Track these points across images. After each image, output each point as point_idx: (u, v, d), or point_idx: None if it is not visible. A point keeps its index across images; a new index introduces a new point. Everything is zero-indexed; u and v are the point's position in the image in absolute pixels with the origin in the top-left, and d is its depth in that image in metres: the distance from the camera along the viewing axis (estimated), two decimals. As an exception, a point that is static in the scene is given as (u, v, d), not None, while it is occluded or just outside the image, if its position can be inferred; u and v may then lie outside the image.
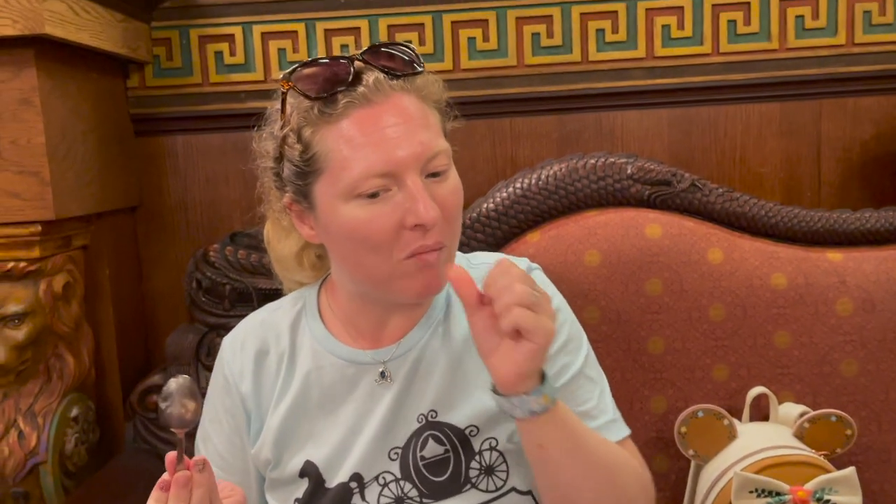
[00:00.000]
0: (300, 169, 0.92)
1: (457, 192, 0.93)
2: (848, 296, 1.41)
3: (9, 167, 1.27)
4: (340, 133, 0.88)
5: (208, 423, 1.06)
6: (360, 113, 0.88)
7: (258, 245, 1.52)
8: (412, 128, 0.88)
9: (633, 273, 1.42)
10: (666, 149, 1.63)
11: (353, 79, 0.88)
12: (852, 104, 1.62)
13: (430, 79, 0.95)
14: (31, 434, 1.34)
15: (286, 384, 1.02)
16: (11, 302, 1.31)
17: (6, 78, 1.26)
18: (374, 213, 0.88)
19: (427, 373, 0.99)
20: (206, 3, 1.60)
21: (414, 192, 0.87)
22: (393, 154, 0.87)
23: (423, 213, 0.86)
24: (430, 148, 0.89)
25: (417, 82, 0.92)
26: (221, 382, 1.06)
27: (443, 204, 0.89)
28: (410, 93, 0.91)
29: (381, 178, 0.87)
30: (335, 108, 0.88)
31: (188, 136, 1.65)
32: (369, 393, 0.99)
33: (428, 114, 0.92)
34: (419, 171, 0.88)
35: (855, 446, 1.34)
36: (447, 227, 0.91)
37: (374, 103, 0.88)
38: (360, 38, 1.59)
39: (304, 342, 1.03)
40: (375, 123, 0.88)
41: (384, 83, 0.89)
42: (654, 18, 1.59)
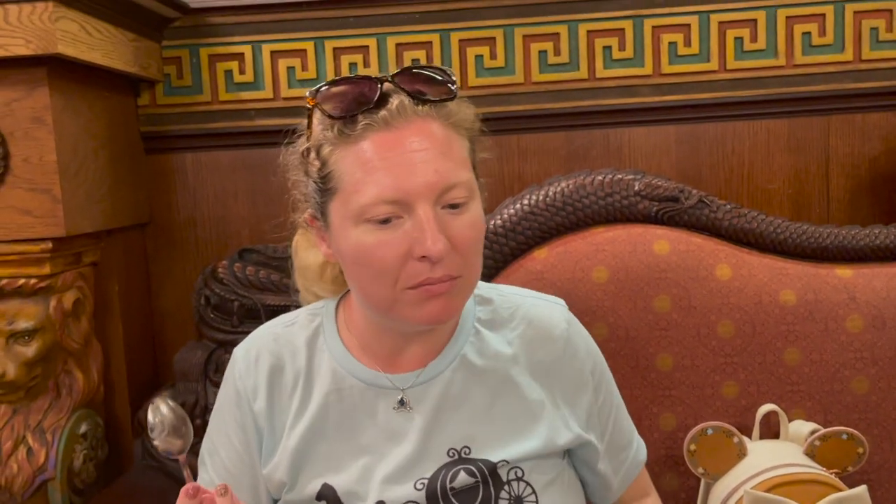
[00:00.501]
0: (318, 186, 0.91)
1: (474, 226, 0.89)
2: (858, 312, 1.40)
3: (21, 184, 1.29)
4: (356, 155, 0.87)
5: (216, 434, 1.04)
6: (378, 136, 0.86)
7: (267, 262, 1.53)
8: (430, 156, 0.86)
9: (641, 289, 1.41)
10: (673, 165, 1.63)
11: (378, 101, 0.87)
12: (860, 120, 1.62)
13: (463, 105, 0.92)
14: (39, 450, 1.35)
15: (303, 404, 0.99)
16: (22, 318, 1.32)
17: (19, 96, 1.28)
18: (381, 239, 0.86)
19: (456, 406, 0.97)
20: (215, 22, 1.62)
21: (423, 222, 0.85)
22: (405, 181, 0.85)
23: (430, 246, 0.84)
24: (446, 179, 0.86)
25: (447, 108, 0.89)
26: (233, 395, 1.03)
27: (457, 238, 0.87)
28: (437, 119, 0.88)
29: (391, 205, 0.85)
30: (354, 128, 0.87)
31: (198, 153, 1.66)
32: (389, 419, 0.97)
33: (454, 142, 0.89)
34: (432, 200, 0.85)
35: (867, 464, 1.32)
36: (460, 260, 0.88)
37: (394, 127, 0.86)
38: (369, 57, 1.61)
39: (323, 361, 1.00)
40: (392, 148, 0.86)
41: (408, 107, 0.87)
42: (660, 36, 1.60)
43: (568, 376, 1.02)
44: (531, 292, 1.08)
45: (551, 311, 1.04)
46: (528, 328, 1.02)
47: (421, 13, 1.60)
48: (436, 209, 0.86)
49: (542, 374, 1.00)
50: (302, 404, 0.99)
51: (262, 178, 1.66)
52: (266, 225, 1.67)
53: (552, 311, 1.04)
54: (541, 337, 1.01)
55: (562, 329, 1.02)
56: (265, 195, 1.66)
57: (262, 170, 1.66)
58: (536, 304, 1.05)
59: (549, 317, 1.03)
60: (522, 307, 1.03)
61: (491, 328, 1.01)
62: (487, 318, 1.02)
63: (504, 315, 1.02)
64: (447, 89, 0.90)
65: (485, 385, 0.98)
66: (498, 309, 1.02)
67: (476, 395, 0.98)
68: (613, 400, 1.08)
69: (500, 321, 1.02)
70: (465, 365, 0.98)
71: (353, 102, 0.87)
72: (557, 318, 1.03)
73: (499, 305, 1.03)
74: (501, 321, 1.02)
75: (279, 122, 1.63)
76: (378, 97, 0.87)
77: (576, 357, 1.02)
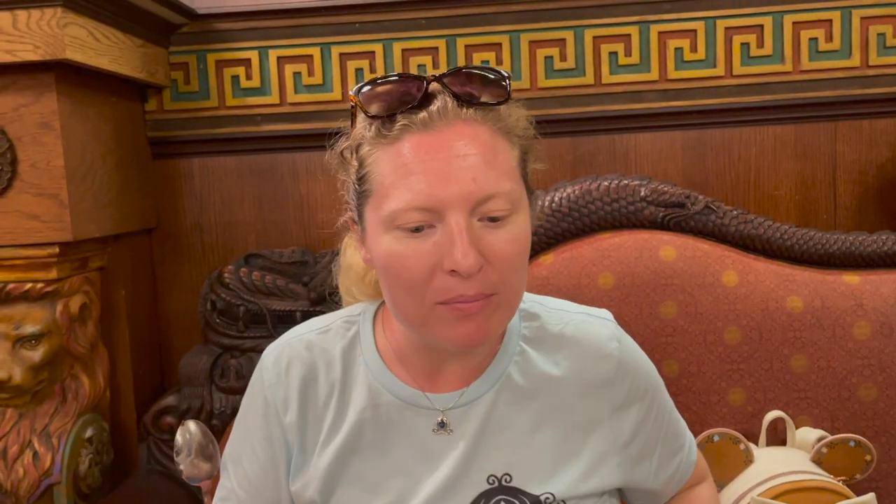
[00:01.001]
0: (355, 187, 0.86)
1: (515, 241, 0.82)
2: (865, 319, 1.40)
3: (28, 189, 1.29)
4: (392, 157, 0.81)
5: (240, 442, 0.98)
6: (416, 139, 0.80)
7: (273, 267, 1.53)
8: (469, 162, 0.79)
9: (648, 295, 1.41)
10: (680, 171, 1.62)
11: (421, 101, 0.81)
12: (868, 126, 1.61)
13: (516, 110, 0.86)
14: (45, 455, 1.35)
15: (338, 420, 0.93)
16: (28, 322, 1.32)
17: (27, 102, 1.28)
18: (411, 248, 0.80)
19: (498, 431, 0.91)
20: (223, 28, 1.63)
21: (454, 233, 0.78)
22: (438, 188, 0.78)
23: (459, 259, 0.78)
24: (485, 188, 0.79)
25: (497, 112, 0.83)
26: (260, 405, 0.96)
27: (493, 253, 0.80)
28: (483, 124, 0.82)
29: (423, 213, 0.79)
30: (392, 129, 0.81)
31: (204, 158, 1.67)
32: (427, 441, 0.91)
33: (500, 150, 0.83)
34: (467, 211, 0.79)
35: (875, 472, 1.32)
36: (496, 277, 0.81)
37: (434, 130, 0.80)
38: (375, 63, 1.61)
39: (359, 374, 0.94)
40: (428, 152, 0.80)
41: (451, 109, 0.81)
42: (666, 41, 1.60)
43: (619, 398, 0.95)
44: (577, 306, 1.00)
45: (600, 328, 0.97)
46: (576, 347, 0.95)
47: (427, 19, 1.60)
48: (471, 220, 0.80)
49: (591, 397, 0.94)
50: (336, 420, 0.93)
51: (268, 184, 1.66)
52: (272, 230, 1.67)
53: (601, 329, 0.97)
54: (591, 357, 0.94)
55: (613, 348, 0.95)
56: (272, 200, 1.66)
57: (269, 175, 1.66)
58: (585, 321, 0.97)
59: (599, 334, 0.96)
60: (570, 324, 0.96)
61: (537, 347, 0.94)
62: (533, 336, 0.95)
63: (551, 332, 0.95)
64: (499, 92, 0.83)
65: (529, 409, 0.92)
66: (544, 326, 0.96)
67: (520, 420, 0.92)
68: (665, 415, 0.99)
69: (547, 339, 0.95)
70: (509, 386, 0.92)
71: (395, 101, 0.82)
72: (607, 335, 0.96)
73: (545, 322, 0.96)
74: (548, 339, 0.95)
75: (285, 128, 1.65)
76: (422, 97, 0.81)
77: (626, 376, 0.95)
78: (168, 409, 1.52)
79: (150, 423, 1.52)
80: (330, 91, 1.63)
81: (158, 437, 1.52)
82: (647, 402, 0.97)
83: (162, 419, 1.52)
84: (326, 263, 1.51)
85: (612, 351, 0.95)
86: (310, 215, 1.66)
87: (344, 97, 1.62)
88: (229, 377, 1.51)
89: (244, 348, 1.52)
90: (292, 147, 1.65)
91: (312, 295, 1.50)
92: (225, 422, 1.51)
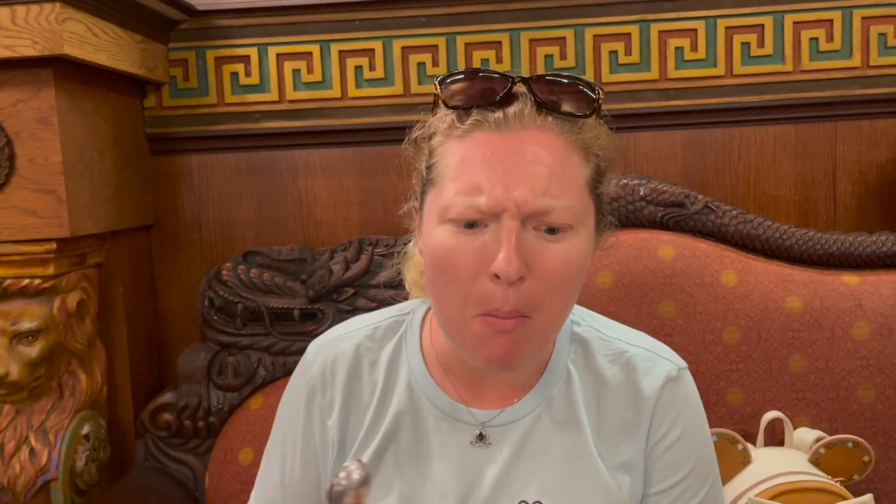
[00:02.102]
0: (422, 175, 0.86)
1: (566, 261, 0.79)
2: (864, 320, 1.39)
3: (26, 185, 1.29)
4: (460, 150, 0.80)
5: (281, 439, 0.96)
6: (486, 136, 0.79)
7: (271, 264, 1.53)
8: (533, 171, 0.77)
9: (646, 295, 1.41)
10: (679, 170, 1.62)
11: (501, 100, 0.80)
12: (868, 127, 1.61)
13: (599, 128, 0.84)
14: (42, 451, 1.34)
15: (376, 421, 0.91)
16: (25, 318, 1.32)
17: (25, 97, 1.28)
18: (461, 243, 0.78)
19: (536, 455, 0.88)
20: (222, 24, 1.62)
21: (502, 237, 0.77)
22: (497, 189, 0.77)
23: (502, 264, 0.75)
24: (542, 199, 0.77)
25: (577, 125, 0.81)
26: (304, 403, 0.94)
27: (540, 267, 0.78)
28: (559, 134, 0.80)
29: (478, 211, 0.78)
30: (465, 123, 0.80)
31: (203, 155, 1.67)
32: (464, 454, 0.89)
33: (571, 163, 0.80)
34: (521, 218, 0.77)
35: (873, 473, 1.31)
36: (539, 294, 0.78)
37: (505, 131, 0.79)
38: (374, 60, 1.61)
39: (401, 376, 0.92)
40: (495, 152, 0.78)
41: (528, 114, 0.79)
42: (667, 40, 1.60)
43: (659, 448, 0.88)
44: (638, 337, 0.94)
45: (653, 365, 0.90)
46: (622, 383, 0.89)
47: (427, 17, 1.60)
48: (525, 228, 0.78)
49: (630, 439, 0.89)
50: (375, 421, 0.91)
51: (267, 181, 1.66)
52: (271, 227, 1.67)
53: (654, 367, 0.90)
54: (631, 394, 0.89)
55: (654, 388, 0.88)
56: (270, 198, 1.66)
57: (268, 172, 1.66)
58: (642, 356, 0.91)
59: (647, 372, 0.89)
60: (624, 357, 0.90)
61: (584, 375, 0.90)
62: (581, 362, 0.91)
63: (601, 362, 0.90)
64: (584, 105, 0.81)
65: (567, 438, 0.88)
66: (595, 354, 0.91)
67: (557, 447, 0.88)
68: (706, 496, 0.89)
69: (595, 368, 0.90)
70: (550, 411, 0.89)
71: (475, 96, 0.80)
72: (655, 375, 0.89)
73: (597, 349, 0.91)
74: (596, 369, 0.90)
75: (285, 125, 1.65)
76: (502, 96, 0.80)
77: (660, 428, 0.88)
78: (165, 406, 1.52)
79: (147, 420, 1.52)
80: (329, 88, 1.63)
81: (156, 433, 1.52)
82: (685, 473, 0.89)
83: (159, 416, 1.52)
84: (325, 261, 1.51)
85: (653, 392, 0.88)
86: (308, 213, 1.66)
87: (343, 94, 1.62)
88: (227, 374, 1.51)
89: (242, 346, 1.51)
90: (291, 144, 1.65)
91: (311, 293, 1.50)
92: (222, 419, 1.51)
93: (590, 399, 0.89)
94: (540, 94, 0.80)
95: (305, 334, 1.50)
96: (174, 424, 1.51)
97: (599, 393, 0.89)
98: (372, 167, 1.64)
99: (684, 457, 0.89)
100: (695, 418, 0.92)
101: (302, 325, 1.50)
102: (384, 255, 1.50)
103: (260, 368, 1.51)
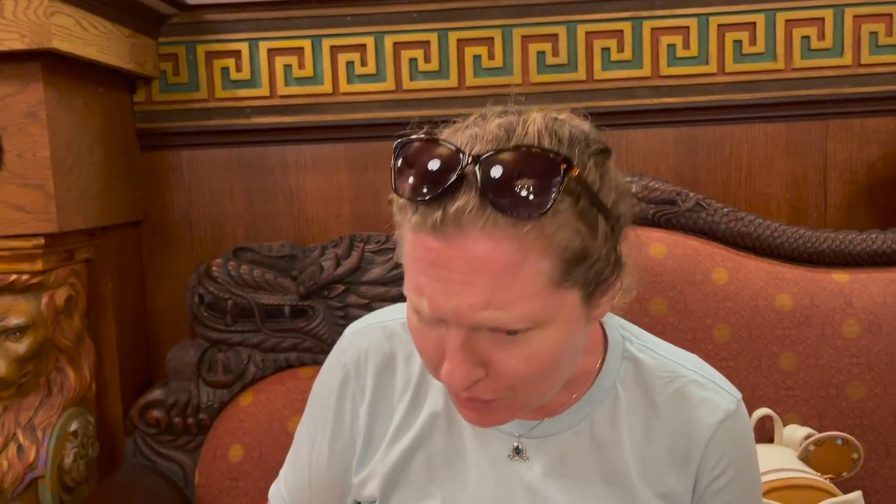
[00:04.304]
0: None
1: (532, 358, 0.71)
2: (854, 318, 1.40)
3: (13, 180, 1.28)
4: (409, 242, 0.72)
5: (312, 425, 0.94)
6: (426, 241, 0.69)
7: (261, 261, 1.52)
8: (472, 283, 0.68)
9: (637, 292, 1.41)
10: (671, 168, 1.62)
11: (443, 192, 0.67)
12: (859, 125, 1.61)
13: (563, 215, 0.68)
14: (30, 448, 1.34)
15: (409, 419, 0.88)
16: (13, 315, 1.31)
17: (13, 91, 1.27)
18: (423, 329, 0.74)
19: (570, 475, 0.84)
20: (213, 19, 1.61)
21: (447, 346, 0.71)
22: (436, 298, 0.70)
23: (444, 375, 0.71)
24: (478, 315, 0.68)
25: (537, 223, 0.66)
26: (337, 389, 0.91)
27: (499, 368, 0.71)
28: (510, 233, 0.66)
29: (424, 315, 0.73)
30: (413, 213, 0.70)
31: (193, 150, 1.66)
32: (498, 467, 0.85)
33: (524, 267, 0.67)
34: (465, 327, 0.70)
35: (862, 470, 1.32)
36: (503, 385, 0.73)
37: (444, 237, 0.68)
38: (366, 55, 1.60)
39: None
40: (435, 261, 0.69)
41: (470, 213, 0.66)
42: (659, 38, 1.59)
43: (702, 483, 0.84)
44: (699, 363, 0.88)
45: (711, 395, 0.84)
46: (675, 409, 0.84)
47: (419, 12, 1.59)
48: (474, 334, 0.70)
49: (674, 470, 0.84)
50: (407, 419, 0.88)
51: (257, 177, 1.65)
52: (262, 223, 1.66)
53: (712, 397, 0.84)
54: (684, 423, 0.84)
55: (711, 422, 0.83)
56: (261, 193, 1.65)
57: (258, 168, 1.65)
58: (699, 382, 0.85)
59: (704, 402, 0.84)
60: (679, 381, 0.85)
61: (631, 396, 0.85)
62: (632, 383, 0.85)
63: (653, 384, 0.85)
64: (543, 194, 0.66)
65: (606, 460, 0.84)
66: (646, 376, 0.85)
67: (592, 469, 0.84)
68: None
69: (646, 390, 0.85)
70: (591, 430, 0.84)
71: (417, 185, 0.69)
72: (714, 407, 0.83)
73: (648, 371, 0.85)
74: (647, 391, 0.85)
75: (275, 121, 1.64)
76: (444, 189, 0.67)
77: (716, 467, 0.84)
78: (155, 402, 1.51)
79: (136, 417, 1.51)
80: (321, 84, 1.62)
81: (145, 430, 1.51)
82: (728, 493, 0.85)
83: (149, 413, 1.51)
84: (315, 257, 1.50)
85: (708, 427, 0.83)
86: (299, 209, 1.65)
87: (334, 90, 1.62)
88: (217, 371, 1.50)
89: (232, 342, 1.51)
90: (282, 140, 1.64)
91: (301, 289, 1.49)
92: (212, 416, 1.50)
93: (636, 422, 0.84)
94: (488, 187, 0.66)
95: (296, 331, 1.49)
96: (164, 421, 1.51)
97: (648, 416, 0.84)
98: (363, 163, 1.63)
99: (736, 497, 0.85)
100: (750, 457, 0.88)
101: (292, 322, 1.50)
102: (375, 251, 1.50)
103: (250, 365, 1.50)
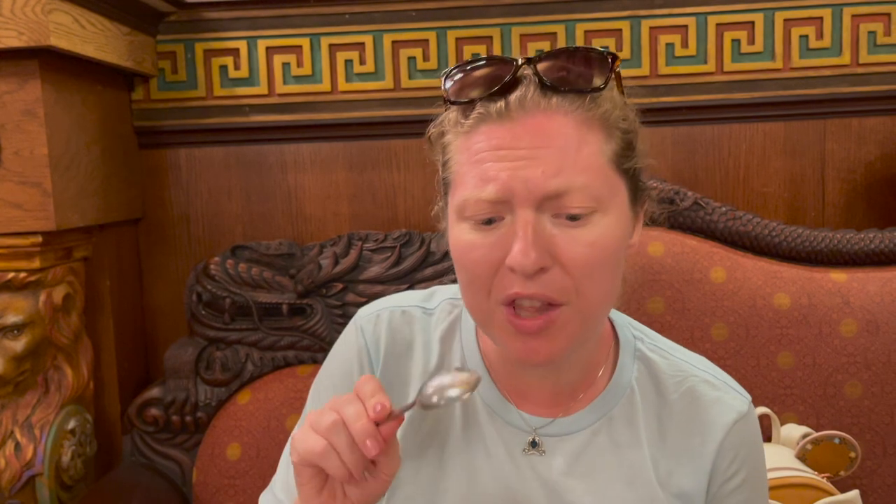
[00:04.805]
0: (440, 175, 0.83)
1: (595, 245, 0.74)
2: (852, 317, 1.40)
3: (11, 177, 1.27)
4: (467, 146, 0.77)
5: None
6: (490, 129, 0.75)
7: (259, 259, 1.52)
8: (542, 154, 0.73)
9: (635, 291, 1.41)
10: (669, 167, 1.62)
11: (503, 88, 0.75)
12: (857, 124, 1.61)
13: (618, 98, 0.79)
14: (27, 446, 1.33)
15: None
16: (11, 312, 1.31)
17: (11, 89, 1.27)
18: (479, 241, 0.76)
19: (587, 474, 0.84)
20: (211, 17, 1.61)
21: (517, 229, 0.73)
22: (506, 181, 0.73)
23: (518, 257, 0.72)
24: (552, 183, 0.72)
25: (592, 100, 0.76)
26: (351, 366, 0.90)
27: (565, 255, 0.73)
28: (569, 113, 0.74)
29: (491, 205, 0.74)
30: (468, 118, 0.77)
31: (191, 148, 1.65)
32: (514, 459, 0.84)
33: (588, 142, 0.75)
34: (535, 205, 0.73)
35: (859, 469, 1.32)
36: (568, 283, 0.74)
37: (509, 120, 0.74)
38: (365, 54, 1.60)
39: (454, 363, 0.88)
40: (501, 143, 0.74)
41: (530, 99, 0.74)
42: (657, 37, 1.59)
43: (716, 481, 0.85)
44: (706, 363, 0.90)
45: (722, 395, 0.86)
46: (688, 407, 0.85)
47: (418, 11, 1.59)
48: (542, 216, 0.74)
49: (688, 468, 0.85)
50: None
51: (256, 175, 1.65)
52: (260, 221, 1.66)
53: (723, 397, 0.86)
54: (697, 421, 0.85)
55: (724, 423, 0.84)
56: (259, 192, 1.65)
57: (257, 166, 1.65)
58: (710, 382, 0.87)
59: (716, 401, 0.85)
60: (690, 380, 0.86)
61: (648, 394, 0.86)
62: (646, 381, 0.86)
63: (666, 382, 0.86)
64: (595, 78, 0.76)
65: (625, 459, 0.84)
66: (659, 375, 0.87)
67: (614, 467, 0.84)
68: None
69: (659, 388, 0.86)
70: (610, 429, 0.85)
71: (478, 86, 0.76)
72: (726, 407, 0.85)
73: (661, 370, 0.87)
74: (660, 389, 0.86)
75: (274, 119, 1.64)
76: (504, 84, 0.75)
77: (729, 468, 0.85)
78: (152, 401, 1.51)
79: (134, 415, 1.51)
80: (319, 82, 1.62)
81: (143, 429, 1.51)
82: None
83: (146, 411, 1.51)
84: (313, 256, 1.50)
85: (721, 428, 0.84)
86: (297, 207, 1.65)
87: (333, 88, 1.62)
88: (214, 369, 1.50)
89: (230, 340, 1.51)
90: (280, 138, 1.64)
91: (299, 287, 1.49)
92: (210, 414, 1.50)
93: (651, 420, 0.85)
94: (544, 74, 0.75)
95: (294, 329, 1.49)
96: (161, 419, 1.51)
97: (662, 415, 0.85)
98: (362, 162, 1.63)
99: (747, 498, 0.86)
100: (761, 458, 0.89)
101: (290, 321, 1.50)
102: (373, 250, 1.49)
103: (248, 363, 1.50)
